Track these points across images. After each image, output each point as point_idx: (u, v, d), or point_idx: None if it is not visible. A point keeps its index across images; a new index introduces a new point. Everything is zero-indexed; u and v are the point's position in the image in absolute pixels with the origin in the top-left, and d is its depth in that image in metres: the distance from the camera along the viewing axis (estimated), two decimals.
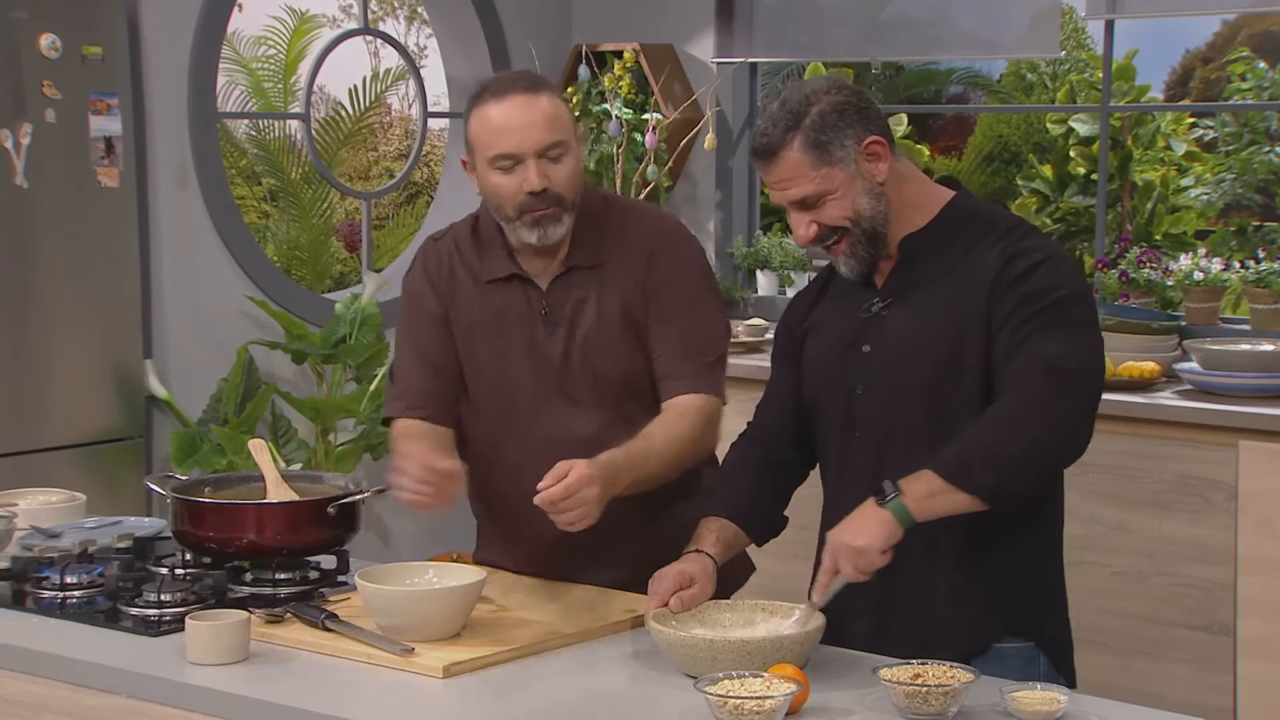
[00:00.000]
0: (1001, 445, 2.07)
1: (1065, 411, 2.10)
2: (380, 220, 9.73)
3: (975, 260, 2.19)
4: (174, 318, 4.46)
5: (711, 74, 5.16)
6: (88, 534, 2.57)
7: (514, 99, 2.37)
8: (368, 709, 1.98)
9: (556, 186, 2.38)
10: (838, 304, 2.32)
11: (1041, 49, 5.13)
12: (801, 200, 2.19)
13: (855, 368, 2.26)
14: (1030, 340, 2.11)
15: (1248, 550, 3.81)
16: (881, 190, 2.20)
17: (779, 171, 2.19)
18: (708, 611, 2.18)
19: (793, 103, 2.18)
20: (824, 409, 2.32)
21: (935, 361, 2.18)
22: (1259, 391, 3.90)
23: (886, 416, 2.23)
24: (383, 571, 2.27)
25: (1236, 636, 3.79)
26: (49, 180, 4.05)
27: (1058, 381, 2.09)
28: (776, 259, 5.15)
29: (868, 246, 2.21)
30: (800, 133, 2.16)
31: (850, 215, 2.19)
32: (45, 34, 4.03)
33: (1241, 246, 8.07)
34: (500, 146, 2.37)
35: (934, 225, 2.24)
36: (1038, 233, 2.27)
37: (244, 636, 2.14)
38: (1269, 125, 8.01)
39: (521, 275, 2.47)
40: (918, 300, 2.22)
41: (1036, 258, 2.16)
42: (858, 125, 2.18)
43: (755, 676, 1.92)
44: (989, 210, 2.30)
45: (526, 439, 2.46)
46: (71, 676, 2.16)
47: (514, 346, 2.47)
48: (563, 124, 2.39)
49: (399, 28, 11.08)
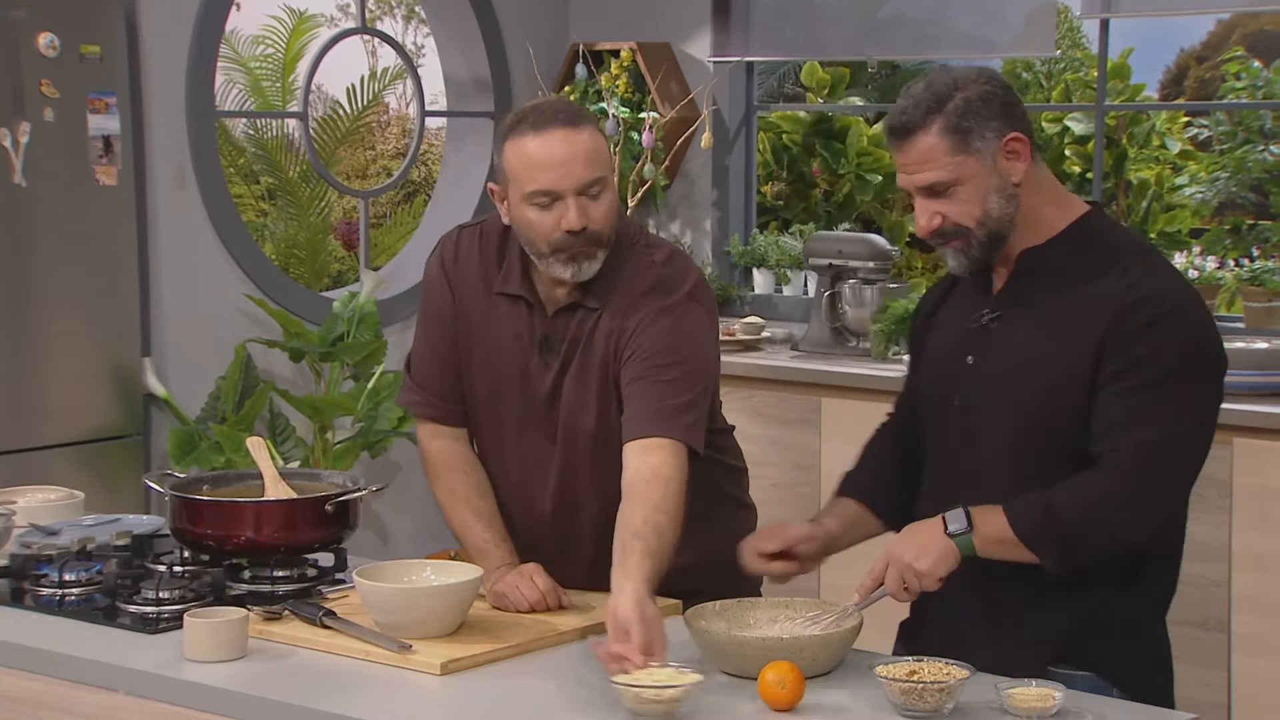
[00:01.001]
0: (1083, 526, 2.04)
1: (1153, 505, 2.07)
2: (378, 219, 9.71)
3: (1095, 292, 2.08)
4: (172, 316, 4.45)
5: (708, 73, 5.16)
6: (86, 531, 2.57)
7: (555, 133, 2.28)
8: (366, 706, 1.97)
9: (595, 225, 2.30)
10: (958, 307, 2.24)
11: (1037, 48, 5.13)
12: (931, 186, 2.10)
13: (956, 378, 2.19)
14: (1135, 415, 2.04)
15: (1242, 547, 3.81)
16: (1015, 192, 2.11)
17: (913, 153, 2.09)
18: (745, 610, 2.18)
19: (939, 85, 2.09)
20: (924, 413, 2.28)
21: (1033, 389, 2.10)
22: (1253, 389, 3.90)
23: (975, 433, 2.16)
24: (380, 569, 2.27)
25: (1231, 633, 3.79)
26: (47, 179, 4.05)
27: (1153, 473, 2.05)
28: (773, 257, 5.14)
29: (986, 248, 2.12)
30: (942, 116, 2.07)
31: (978, 213, 2.10)
32: (44, 33, 4.02)
33: (1236, 245, 8.08)
34: (540, 183, 2.28)
35: (1058, 240, 2.14)
36: (1167, 270, 2.16)
37: (242, 634, 2.14)
38: (1263, 124, 8.01)
39: (529, 299, 2.42)
40: (1028, 321, 2.14)
41: (1159, 310, 2.06)
42: (1001, 118, 2.09)
43: (665, 668, 1.95)
44: (1121, 236, 2.18)
45: (512, 457, 2.47)
46: (70, 673, 2.15)
47: (508, 366, 2.44)
48: (603, 160, 2.32)
49: (396, 27, 11.06)
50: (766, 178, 8.17)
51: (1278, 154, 7.87)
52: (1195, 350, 2.09)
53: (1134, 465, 2.04)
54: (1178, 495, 2.11)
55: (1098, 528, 2.06)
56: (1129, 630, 2.15)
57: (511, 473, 2.47)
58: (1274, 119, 7.94)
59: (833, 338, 4.67)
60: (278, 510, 2.43)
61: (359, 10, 5.35)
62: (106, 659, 2.14)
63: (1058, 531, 2.04)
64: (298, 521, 2.41)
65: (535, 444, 2.43)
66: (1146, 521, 2.08)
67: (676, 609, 2.31)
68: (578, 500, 2.44)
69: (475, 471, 2.47)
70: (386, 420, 4.47)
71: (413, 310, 4.93)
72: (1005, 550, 2.05)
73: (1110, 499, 2.05)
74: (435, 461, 2.49)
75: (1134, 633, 2.16)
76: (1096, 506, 2.05)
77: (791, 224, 6.88)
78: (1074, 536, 2.04)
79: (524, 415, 2.44)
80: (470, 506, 2.43)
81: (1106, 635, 2.13)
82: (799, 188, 8.38)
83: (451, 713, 1.95)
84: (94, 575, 2.42)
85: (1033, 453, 2.11)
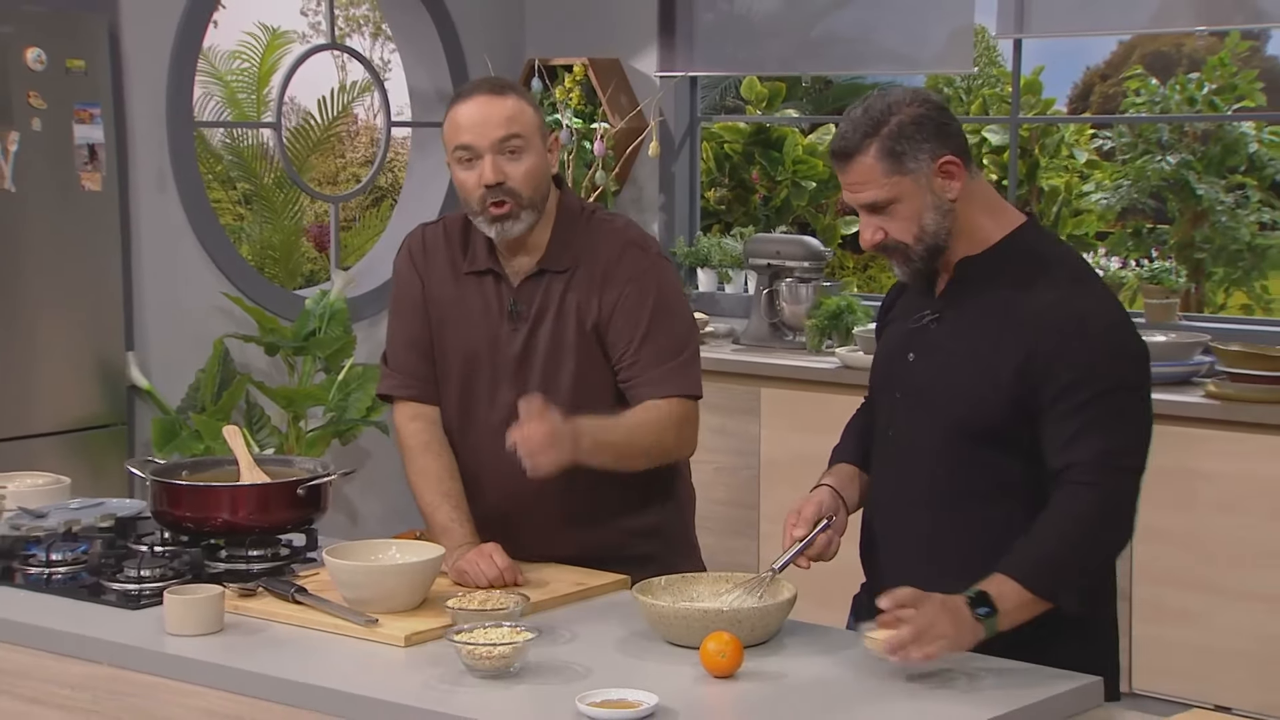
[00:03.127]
0: (1084, 557, 2.02)
1: (1129, 511, 2.06)
2: (347, 222, 9.65)
3: (1026, 305, 2.05)
4: (154, 313, 4.41)
5: (655, 86, 5.16)
6: (72, 514, 2.54)
7: (477, 98, 2.36)
8: (335, 675, 1.96)
9: (512, 182, 2.32)
10: (907, 304, 2.24)
11: (956, 65, 5.17)
12: (871, 205, 2.09)
13: (899, 373, 2.19)
14: (1093, 428, 2.01)
15: (1141, 523, 3.83)
16: (951, 207, 2.08)
17: (853, 174, 2.08)
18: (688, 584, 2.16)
19: (875, 110, 2.07)
20: (874, 403, 2.27)
21: (961, 389, 2.09)
22: (1153, 379, 3.93)
23: (914, 428, 2.15)
24: (349, 548, 2.25)
25: (1131, 601, 3.84)
26: (36, 185, 4.00)
27: (1121, 483, 2.04)
28: (716, 258, 5.15)
29: (925, 260, 2.11)
30: (878, 140, 2.05)
31: (915, 229, 2.08)
32: (31, 48, 3.98)
33: (1137, 246, 8.16)
34: (459, 139, 2.35)
35: (994, 251, 2.11)
36: (1096, 285, 2.11)
37: (219, 609, 2.12)
38: (1161, 136, 8.10)
39: (497, 271, 2.42)
40: (961, 325, 2.11)
41: (1099, 326, 2.04)
42: (934, 140, 2.06)
43: (499, 627, 1.97)
44: (1052, 249, 2.14)
45: (484, 425, 2.43)
46: (57, 647, 2.13)
47: (479, 337, 2.43)
48: (521, 122, 2.33)
49: (364, 43, 10.99)
50: (709, 184, 8.18)
51: (1174, 164, 7.96)
52: (1134, 361, 2.08)
53: (1103, 481, 2.02)
54: (1135, 502, 2.09)
55: (1095, 553, 2.04)
56: (1078, 623, 2.11)
57: (485, 437, 2.42)
58: (1170, 132, 8.03)
59: (771, 332, 4.68)
60: (253, 494, 2.42)
61: (329, 28, 5.32)
62: (91, 633, 2.12)
63: (1068, 575, 2.01)
64: (271, 504, 2.40)
65: (509, 405, 2.37)
66: (1127, 528, 2.07)
67: (625, 584, 2.31)
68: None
69: (446, 455, 2.45)
70: (356, 410, 4.45)
71: (381, 307, 4.93)
72: (1026, 614, 1.99)
73: (1095, 521, 2.03)
74: (411, 444, 2.47)
75: (1083, 625, 2.12)
76: (1086, 532, 2.02)
77: (733, 227, 6.90)
78: (1081, 572, 2.03)
79: (494, 379, 2.42)
80: (440, 488, 2.42)
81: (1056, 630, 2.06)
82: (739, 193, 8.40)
83: (414, 681, 1.94)
84: (80, 555, 2.39)
85: (958, 447, 2.10)
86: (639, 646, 2.04)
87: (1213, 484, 3.75)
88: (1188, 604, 3.78)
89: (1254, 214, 8.02)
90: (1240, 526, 3.73)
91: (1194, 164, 7.93)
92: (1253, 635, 3.71)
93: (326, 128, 9.11)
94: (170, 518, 2.42)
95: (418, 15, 5.09)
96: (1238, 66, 7.79)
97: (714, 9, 5.16)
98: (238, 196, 9.36)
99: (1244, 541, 3.72)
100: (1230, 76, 7.73)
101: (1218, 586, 3.75)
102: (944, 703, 1.86)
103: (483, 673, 1.91)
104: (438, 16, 5.08)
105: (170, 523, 2.43)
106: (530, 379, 2.40)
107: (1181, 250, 7.94)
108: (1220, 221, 7.93)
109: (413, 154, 5.42)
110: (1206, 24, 4.87)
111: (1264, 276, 8.28)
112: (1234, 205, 7.98)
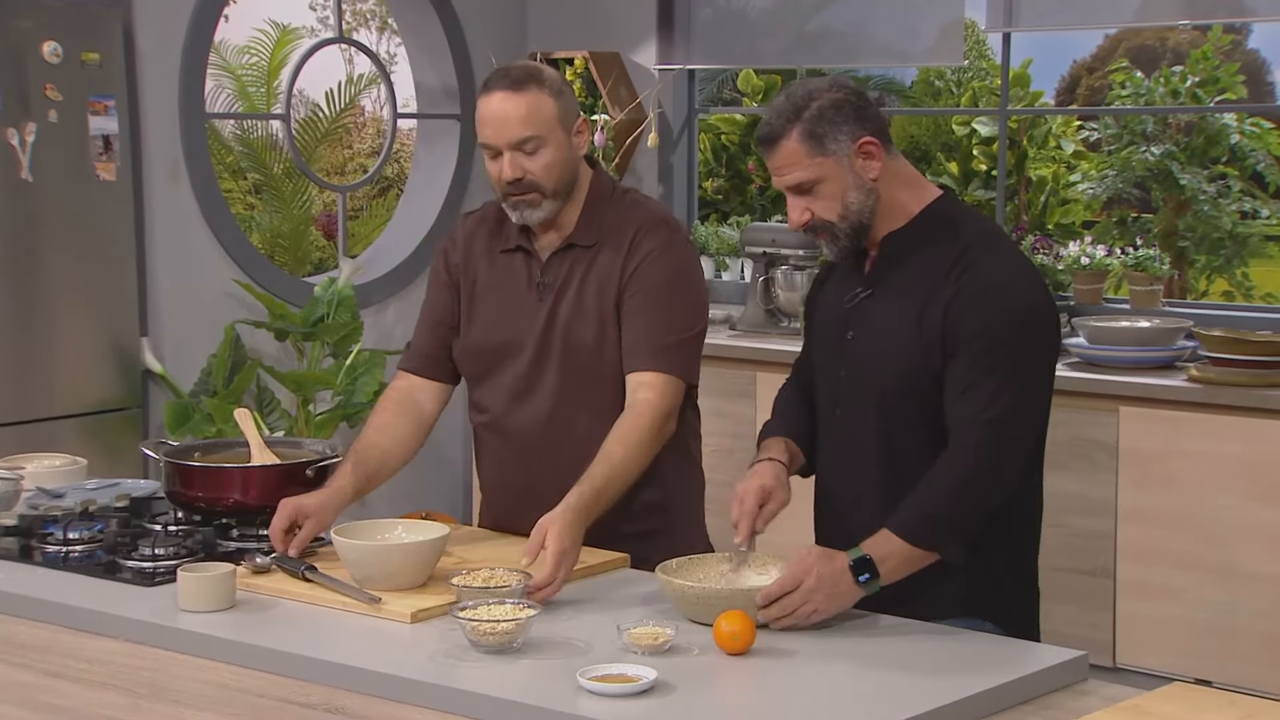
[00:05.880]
0: (962, 511, 2.06)
1: (1003, 471, 2.09)
2: (355, 211, 9.64)
3: (940, 271, 2.11)
4: (167, 299, 4.40)
5: (654, 79, 5.15)
6: (89, 494, 2.54)
7: (496, 94, 2.34)
8: (343, 650, 1.96)
9: (533, 176, 2.34)
10: (837, 287, 2.27)
11: (947, 58, 5.15)
12: (797, 186, 2.14)
13: (840, 351, 2.22)
14: (979, 387, 2.06)
15: (1126, 503, 3.86)
16: (873, 186, 2.14)
17: (778, 158, 2.13)
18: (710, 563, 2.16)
19: (796, 97, 2.13)
20: (818, 384, 2.30)
21: (897, 359, 2.13)
22: (1137, 364, 3.95)
23: (860, 402, 2.19)
24: (357, 527, 2.26)
25: (1116, 579, 3.85)
26: (52, 175, 3.99)
27: (996, 445, 2.06)
28: (713, 246, 5.15)
29: (852, 238, 2.16)
30: (800, 124, 2.11)
31: (839, 208, 2.13)
32: (48, 41, 3.97)
33: (1122, 235, 8.16)
34: (482, 135, 2.37)
35: (912, 225, 2.17)
36: (1002, 244, 2.17)
37: (230, 586, 2.12)
38: (1145, 128, 8.09)
39: (526, 248, 2.44)
40: (891, 297, 2.16)
41: (989, 288, 2.08)
42: (853, 123, 2.12)
43: (501, 604, 1.96)
44: (964, 216, 2.20)
45: (505, 393, 2.44)
46: (74, 622, 2.13)
47: (507, 310, 2.45)
48: (538, 120, 2.32)
49: (371, 37, 10.96)
50: (707, 174, 8.17)
51: (1158, 154, 7.95)
52: (1028, 323, 2.10)
53: (980, 441, 2.06)
54: (1021, 458, 2.13)
55: (971, 506, 2.08)
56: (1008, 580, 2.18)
57: (504, 402, 2.44)
58: (1155, 123, 8.02)
59: (766, 319, 4.68)
60: (263, 475, 2.42)
61: (337, 22, 5.30)
62: (107, 609, 2.12)
63: (947, 528, 2.05)
64: (281, 485, 2.39)
65: (528, 373, 2.41)
66: (1002, 485, 2.10)
67: (625, 562, 2.31)
68: (571, 417, 2.40)
69: (395, 421, 2.47)
70: (363, 393, 4.45)
71: (387, 294, 4.94)
72: (910, 567, 2.04)
73: (970, 477, 2.06)
74: (385, 396, 2.54)
75: (1010, 581, 2.18)
76: (963, 489, 2.07)
77: (730, 216, 6.89)
78: (959, 525, 2.06)
79: (520, 348, 2.42)
80: (365, 440, 2.45)
81: (993, 591, 2.14)
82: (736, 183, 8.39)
83: (420, 657, 1.94)
84: (96, 534, 2.39)
85: (902, 408, 2.14)
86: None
87: (1195, 465, 3.76)
88: (1170, 581, 3.79)
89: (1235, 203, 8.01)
90: (1221, 506, 3.73)
91: (1177, 154, 7.92)
92: (1232, 611, 3.71)
93: (334, 119, 9.09)
94: (183, 498, 2.42)
95: (423, 10, 5.08)
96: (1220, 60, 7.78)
97: (712, 4, 5.14)
98: (248, 186, 9.35)
99: (1224, 520, 3.73)
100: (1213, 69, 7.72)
101: (1199, 564, 3.75)
102: (932, 677, 1.86)
103: (486, 648, 1.91)
104: (442, 11, 5.07)
105: (183, 503, 2.43)
106: (552, 349, 2.40)
107: (1165, 238, 7.94)
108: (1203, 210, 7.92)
109: (418, 145, 5.41)
110: (1190, 18, 4.85)
111: (1245, 264, 8.29)
112: (1216, 195, 7.98)
